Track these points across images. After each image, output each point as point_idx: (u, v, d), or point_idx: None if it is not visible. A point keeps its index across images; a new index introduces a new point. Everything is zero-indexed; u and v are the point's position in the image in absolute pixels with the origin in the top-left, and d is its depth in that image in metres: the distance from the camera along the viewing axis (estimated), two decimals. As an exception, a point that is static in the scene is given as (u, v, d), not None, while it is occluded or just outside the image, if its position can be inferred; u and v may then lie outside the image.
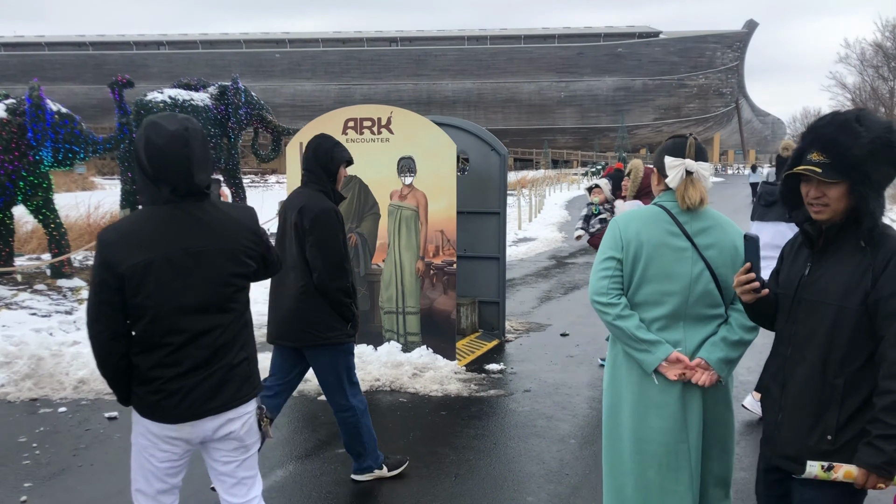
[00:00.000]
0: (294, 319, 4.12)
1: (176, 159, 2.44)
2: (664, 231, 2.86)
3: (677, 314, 2.86)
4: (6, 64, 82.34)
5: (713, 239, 2.87)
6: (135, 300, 2.44)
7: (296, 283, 4.07)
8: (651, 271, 2.84)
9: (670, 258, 2.84)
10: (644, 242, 2.84)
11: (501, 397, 6.08)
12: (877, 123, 2.26)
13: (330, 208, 4.05)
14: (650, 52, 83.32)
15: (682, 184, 2.89)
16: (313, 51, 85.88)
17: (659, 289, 2.84)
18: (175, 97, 15.05)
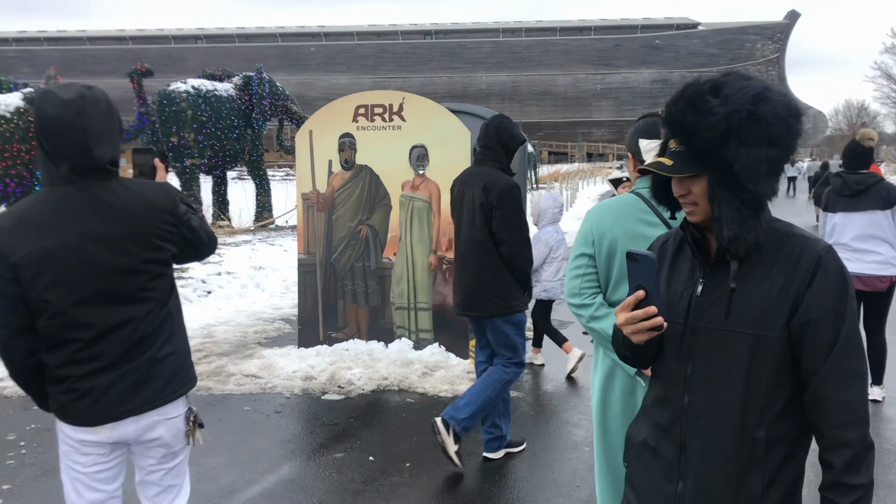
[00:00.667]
0: (480, 291, 4.33)
1: (70, 131, 2.13)
2: (640, 221, 2.55)
3: None
4: (49, 58, 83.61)
5: None
6: (32, 293, 2.15)
7: (480, 257, 4.31)
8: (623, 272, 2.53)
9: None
10: (619, 236, 2.55)
11: (515, 398, 5.74)
12: (740, 91, 1.62)
13: (514, 184, 4.29)
14: (688, 44, 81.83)
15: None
16: (348, 44, 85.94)
17: None
18: (198, 87, 14.93)
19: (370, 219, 6.74)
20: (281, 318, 8.66)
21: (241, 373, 6.36)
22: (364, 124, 6.68)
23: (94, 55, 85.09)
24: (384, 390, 5.94)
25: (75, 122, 2.13)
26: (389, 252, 6.71)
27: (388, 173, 6.64)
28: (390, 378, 6.11)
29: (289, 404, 5.67)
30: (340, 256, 6.86)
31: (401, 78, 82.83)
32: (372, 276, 6.77)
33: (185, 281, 10.06)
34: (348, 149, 6.77)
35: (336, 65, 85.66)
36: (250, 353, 6.96)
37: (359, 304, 6.84)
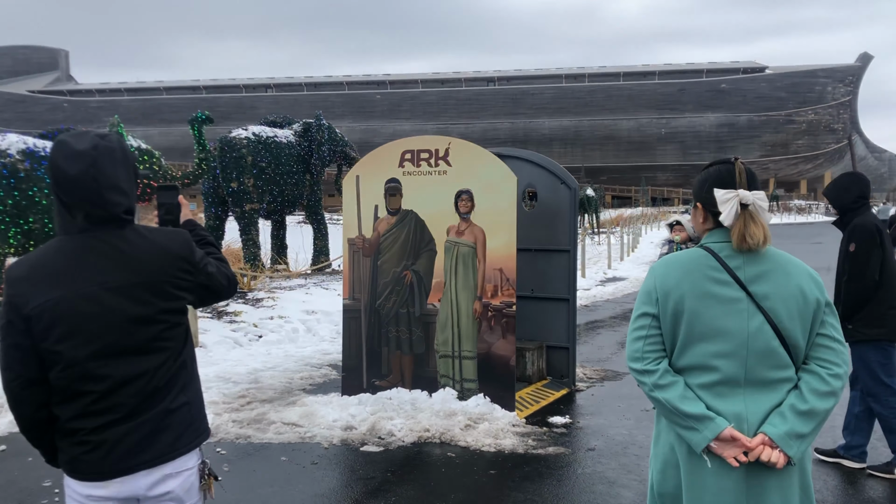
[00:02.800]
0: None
1: (83, 181, 2.09)
2: (709, 279, 2.32)
3: (734, 380, 2.27)
4: (129, 108, 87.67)
5: (774, 285, 2.30)
6: (45, 344, 2.09)
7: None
8: (697, 329, 2.29)
9: (719, 312, 2.28)
10: (685, 294, 2.31)
11: (561, 456, 5.46)
12: None
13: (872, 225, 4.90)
14: (756, 88, 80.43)
15: (738, 220, 2.32)
16: (412, 91, 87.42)
17: (708, 350, 2.28)
18: (259, 134, 15.21)
19: (415, 264, 6.61)
20: (328, 363, 8.56)
21: (281, 421, 6.24)
22: (410, 169, 6.60)
23: (170, 104, 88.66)
24: (425, 443, 5.73)
25: (88, 172, 2.11)
26: (434, 298, 6.55)
27: (434, 218, 6.52)
28: (432, 430, 5.89)
29: (326, 455, 5.51)
30: (385, 302, 6.73)
31: (463, 124, 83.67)
32: (416, 323, 6.61)
33: (237, 325, 10.09)
34: (395, 194, 6.69)
35: (400, 112, 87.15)
36: (293, 401, 6.84)
37: (403, 352, 6.67)
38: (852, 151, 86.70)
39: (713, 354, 2.28)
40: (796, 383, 2.30)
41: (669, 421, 2.36)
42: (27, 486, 4.95)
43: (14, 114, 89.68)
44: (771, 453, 2.20)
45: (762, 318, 2.27)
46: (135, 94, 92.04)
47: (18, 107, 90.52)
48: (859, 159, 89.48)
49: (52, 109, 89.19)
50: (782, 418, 2.23)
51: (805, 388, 2.27)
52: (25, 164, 9.17)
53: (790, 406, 2.25)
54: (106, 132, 2.23)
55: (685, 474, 2.34)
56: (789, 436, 2.21)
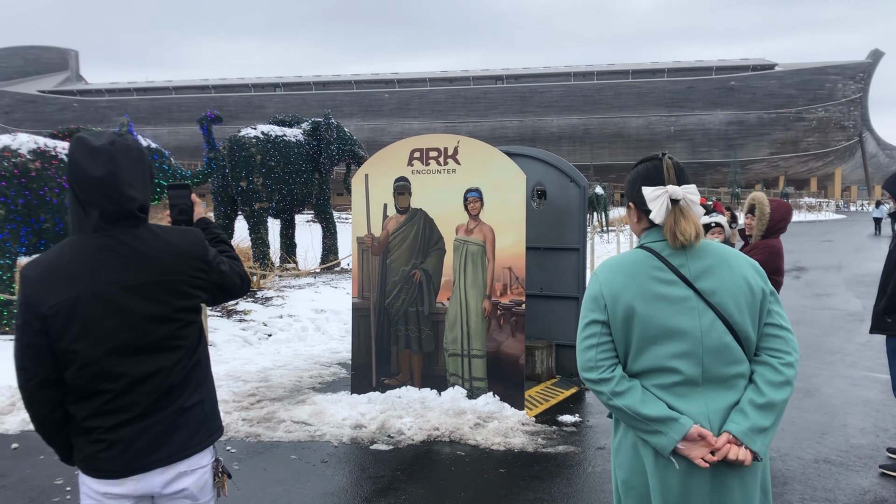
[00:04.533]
0: None
1: (100, 176, 2.12)
2: (655, 280, 2.26)
3: (692, 380, 2.22)
4: (138, 107, 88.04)
5: (719, 280, 2.26)
6: (61, 344, 2.10)
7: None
8: (650, 332, 2.23)
9: (670, 312, 2.23)
10: (633, 297, 2.24)
11: (571, 454, 5.45)
12: None
13: None
14: (765, 85, 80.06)
15: (669, 217, 2.28)
16: (420, 90, 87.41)
17: (664, 351, 2.22)
18: (268, 133, 15.24)
19: (424, 263, 6.61)
20: (338, 362, 8.57)
21: (291, 419, 6.25)
22: (419, 168, 6.60)
23: (179, 104, 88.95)
24: (434, 441, 5.73)
25: (105, 167, 2.13)
26: (443, 297, 6.55)
27: (443, 217, 6.52)
28: (441, 428, 5.89)
29: (336, 454, 5.52)
30: (394, 301, 6.73)
31: (472, 122, 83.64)
32: (425, 322, 6.61)
33: (247, 324, 10.12)
34: (404, 193, 6.69)
35: (409, 110, 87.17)
36: (303, 399, 6.86)
37: (412, 350, 6.68)
38: (863, 149, 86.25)
39: (670, 356, 2.22)
40: (750, 376, 2.27)
41: (632, 427, 2.27)
42: (39, 483, 4.97)
43: (25, 114, 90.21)
44: (738, 451, 2.16)
45: (713, 314, 2.23)
46: (144, 93, 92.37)
47: (29, 107, 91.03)
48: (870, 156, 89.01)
49: (62, 109, 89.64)
50: (743, 415, 2.20)
51: (760, 380, 2.23)
52: (36, 163, 9.21)
53: (749, 401, 2.21)
54: (123, 132, 2.26)
55: (652, 478, 2.26)
56: (752, 431, 2.18)
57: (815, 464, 5.19)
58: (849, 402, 6.73)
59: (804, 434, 5.82)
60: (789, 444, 5.63)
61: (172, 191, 2.52)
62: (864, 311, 12.05)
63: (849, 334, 10.07)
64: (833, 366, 8.02)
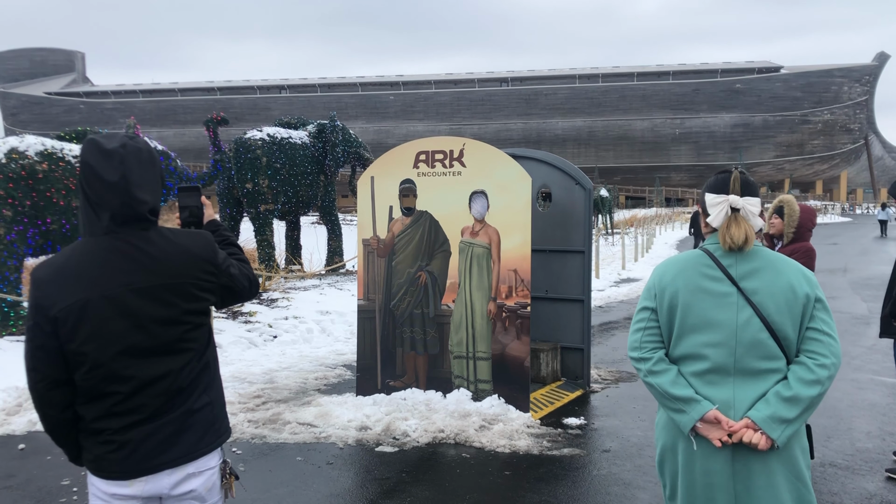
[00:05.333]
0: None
1: (112, 181, 2.13)
2: (703, 275, 2.53)
3: (724, 369, 2.47)
4: (144, 109, 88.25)
5: (763, 282, 2.48)
6: (70, 346, 2.11)
7: None
8: (689, 321, 2.51)
9: (710, 304, 2.49)
10: (680, 289, 2.54)
11: (576, 457, 5.45)
12: None
13: None
14: (771, 88, 79.91)
15: (725, 222, 2.56)
16: (425, 92, 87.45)
17: (699, 340, 2.49)
18: (273, 135, 15.27)
19: (429, 265, 6.62)
20: (343, 364, 8.58)
21: (296, 421, 6.26)
22: (425, 170, 6.61)
23: (185, 105, 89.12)
24: (440, 443, 5.73)
25: (117, 170, 2.15)
26: (448, 299, 6.56)
27: (448, 219, 6.53)
28: (446, 430, 5.90)
29: (341, 455, 5.53)
30: (399, 303, 6.75)
31: (477, 124, 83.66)
32: (431, 324, 6.62)
33: (252, 325, 10.14)
34: (409, 195, 6.70)
35: (414, 112, 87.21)
36: (308, 401, 6.87)
37: (417, 352, 6.69)
38: (868, 152, 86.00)
39: (704, 344, 2.46)
40: (786, 374, 2.44)
41: (662, 405, 2.55)
42: (46, 484, 4.99)
43: (31, 115, 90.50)
44: (752, 435, 2.35)
45: (751, 311, 2.44)
46: (150, 95, 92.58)
47: (35, 108, 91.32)
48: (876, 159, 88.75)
49: (68, 111, 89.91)
50: (766, 403, 2.39)
51: (792, 376, 2.41)
52: (44, 165, 9.25)
53: (775, 392, 2.40)
54: (134, 134, 2.27)
55: (680, 455, 2.53)
56: (772, 419, 2.34)
57: (821, 467, 5.18)
58: (855, 405, 6.72)
59: (810, 437, 5.81)
60: (795, 447, 5.62)
61: (183, 193, 2.53)
62: (870, 315, 12.02)
63: (855, 337, 10.04)
64: (839, 369, 8.00)
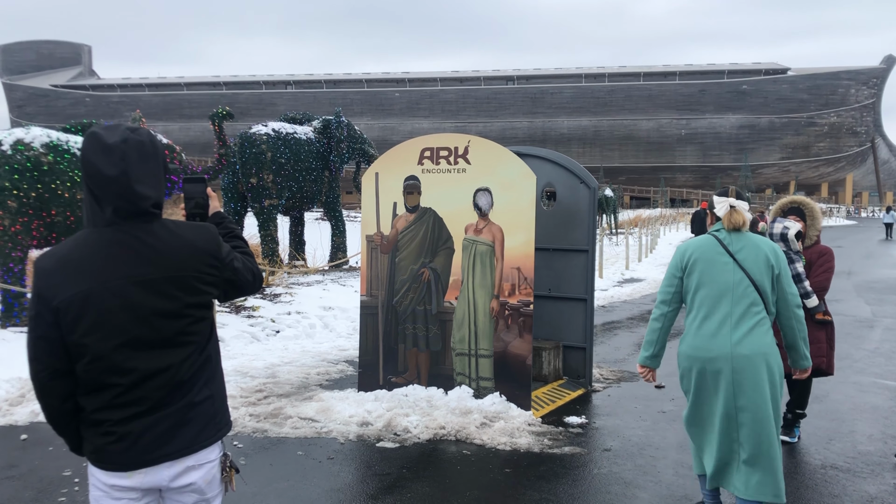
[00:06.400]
0: None
1: (112, 174, 2.11)
2: (713, 250, 4.00)
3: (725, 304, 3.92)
4: (150, 103, 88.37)
5: (748, 253, 3.94)
6: (72, 337, 2.11)
7: None
8: (703, 279, 3.97)
9: (717, 268, 3.96)
10: (698, 259, 4.01)
11: (577, 455, 5.44)
12: None
13: None
14: (777, 90, 79.73)
15: (728, 213, 4.03)
16: (431, 90, 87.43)
17: (711, 292, 3.94)
18: (279, 130, 15.28)
19: (433, 262, 6.62)
20: (345, 359, 8.59)
21: (298, 416, 6.27)
22: (429, 167, 6.61)
23: (191, 100, 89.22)
24: (440, 440, 5.74)
25: (118, 166, 2.13)
26: (451, 296, 6.56)
27: (452, 216, 6.53)
28: (447, 427, 5.90)
29: (342, 451, 5.53)
30: (402, 299, 6.75)
31: (482, 122, 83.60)
32: (433, 320, 6.62)
33: (255, 320, 10.15)
34: (413, 191, 6.70)
35: (419, 110, 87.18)
36: (310, 396, 6.88)
37: (419, 349, 6.69)
38: (875, 154, 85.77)
39: (714, 293, 3.93)
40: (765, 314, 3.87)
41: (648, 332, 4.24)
42: (48, 475, 5.01)
43: (37, 108, 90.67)
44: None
45: (742, 273, 3.89)
46: (156, 89, 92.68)
47: (41, 101, 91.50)
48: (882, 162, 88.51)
49: (74, 104, 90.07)
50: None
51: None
52: (49, 157, 9.27)
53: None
54: (136, 126, 2.25)
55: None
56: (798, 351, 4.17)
57: (822, 469, 5.17)
58: (857, 408, 6.70)
59: (811, 440, 5.80)
60: (796, 449, 5.61)
61: (188, 183, 2.50)
62: (874, 318, 12.00)
63: (858, 340, 10.02)
64: (842, 372, 7.98)
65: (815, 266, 5.63)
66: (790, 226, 5.51)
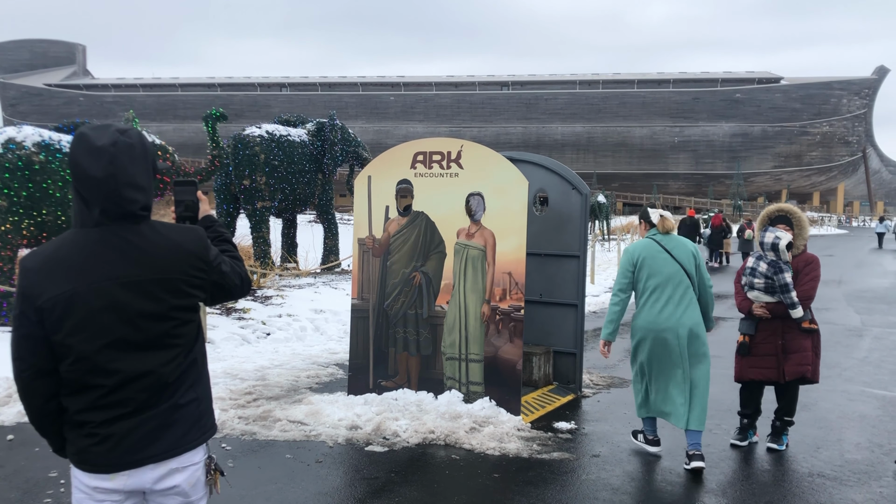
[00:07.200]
0: None
1: (100, 177, 2.09)
2: (654, 249, 5.43)
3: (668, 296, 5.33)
4: (144, 103, 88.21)
5: (679, 251, 5.40)
6: (56, 336, 2.10)
7: None
8: (650, 271, 5.37)
9: (659, 262, 5.37)
10: (646, 257, 5.41)
11: (565, 461, 5.44)
12: None
13: None
14: (770, 98, 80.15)
15: (660, 220, 5.52)
16: (426, 94, 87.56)
17: (658, 280, 5.34)
18: (272, 132, 15.27)
19: (424, 266, 6.62)
20: (335, 363, 8.58)
21: (287, 418, 6.25)
22: (422, 171, 6.61)
23: (185, 101, 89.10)
24: (430, 444, 5.73)
25: (106, 169, 2.10)
26: (442, 300, 6.56)
27: (444, 220, 6.54)
28: (437, 432, 5.89)
29: (331, 454, 5.52)
30: (393, 303, 6.74)
31: (477, 127, 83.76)
32: (424, 325, 6.62)
33: (245, 322, 10.13)
34: (406, 195, 6.70)
35: (414, 113, 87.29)
36: (300, 399, 6.86)
37: (410, 353, 6.68)
38: (866, 164, 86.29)
39: (659, 281, 5.34)
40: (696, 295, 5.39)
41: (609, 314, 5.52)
42: (33, 476, 4.98)
43: (31, 106, 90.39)
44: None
45: (678, 266, 5.32)
46: (150, 89, 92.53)
47: (35, 100, 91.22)
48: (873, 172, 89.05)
49: (67, 103, 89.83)
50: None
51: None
52: (40, 156, 9.23)
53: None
54: (126, 127, 2.21)
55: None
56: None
57: (810, 478, 5.19)
58: (845, 416, 6.73)
59: (799, 448, 5.82)
60: (784, 457, 5.63)
61: (178, 187, 2.48)
62: (863, 327, 12.05)
63: (847, 349, 10.06)
64: (830, 380, 8.01)
65: (801, 275, 5.61)
66: (781, 236, 5.51)
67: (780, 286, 5.48)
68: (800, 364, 5.52)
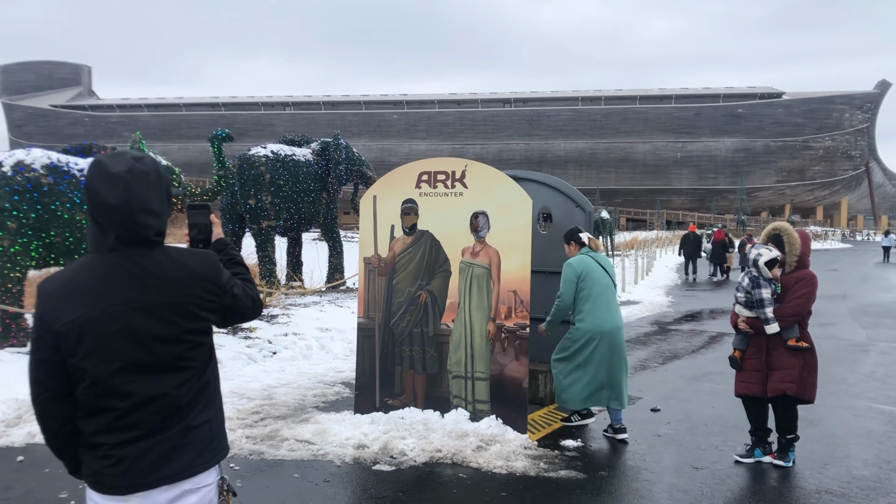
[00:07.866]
0: None
1: (116, 205, 2.14)
2: (592, 264, 6.40)
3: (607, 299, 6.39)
4: (148, 123, 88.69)
5: (606, 265, 6.50)
6: (72, 360, 2.14)
7: None
8: (592, 282, 6.32)
9: (598, 275, 6.37)
10: (587, 270, 6.34)
11: (573, 479, 5.45)
12: None
13: None
14: (772, 113, 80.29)
15: (590, 240, 6.60)
16: (429, 112, 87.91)
17: (599, 289, 6.33)
18: (277, 152, 15.38)
19: (430, 284, 6.66)
20: (342, 381, 8.60)
21: (294, 438, 6.28)
22: (427, 190, 6.67)
23: (189, 121, 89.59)
24: (437, 463, 5.74)
25: (121, 196, 2.15)
26: (448, 318, 6.59)
27: (449, 239, 6.59)
28: (444, 450, 5.91)
29: (339, 473, 5.54)
30: (399, 321, 6.78)
31: (479, 144, 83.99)
32: (430, 343, 6.65)
33: (252, 341, 10.16)
34: (410, 214, 6.76)
35: (417, 131, 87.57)
36: (307, 418, 6.89)
37: (416, 371, 6.71)
38: (869, 178, 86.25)
39: (599, 291, 6.33)
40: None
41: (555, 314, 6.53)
42: (44, 497, 5.01)
43: (36, 127, 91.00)
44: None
45: (609, 277, 6.49)
46: (154, 109, 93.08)
47: (41, 121, 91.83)
48: (876, 186, 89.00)
49: (73, 124, 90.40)
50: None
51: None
52: (49, 178, 9.32)
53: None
54: (142, 154, 2.26)
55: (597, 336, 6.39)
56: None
57: (817, 494, 5.19)
58: (852, 432, 6.73)
59: (806, 464, 5.82)
60: (791, 473, 5.63)
61: (192, 210, 2.53)
62: (869, 342, 12.04)
63: (853, 364, 10.06)
64: (836, 396, 8.01)
65: (790, 291, 5.63)
66: (762, 253, 5.65)
67: (756, 301, 5.60)
68: (781, 381, 5.56)
